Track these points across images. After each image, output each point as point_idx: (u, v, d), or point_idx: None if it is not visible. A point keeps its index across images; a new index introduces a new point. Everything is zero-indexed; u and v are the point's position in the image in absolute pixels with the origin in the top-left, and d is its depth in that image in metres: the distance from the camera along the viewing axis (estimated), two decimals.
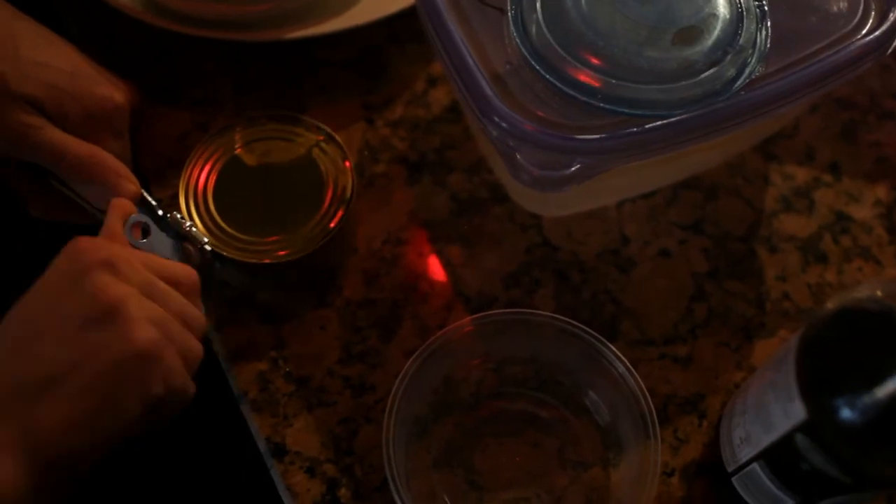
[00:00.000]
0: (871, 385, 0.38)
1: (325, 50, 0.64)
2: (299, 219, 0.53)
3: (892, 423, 0.38)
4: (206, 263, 0.51)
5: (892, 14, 0.48)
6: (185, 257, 0.51)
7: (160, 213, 0.51)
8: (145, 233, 0.49)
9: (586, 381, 0.53)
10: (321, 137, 0.55)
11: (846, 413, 0.38)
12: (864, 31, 0.48)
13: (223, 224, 0.53)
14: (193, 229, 0.52)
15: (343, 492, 0.51)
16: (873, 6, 0.49)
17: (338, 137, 0.55)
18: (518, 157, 0.45)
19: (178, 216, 0.51)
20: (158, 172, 0.60)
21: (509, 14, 0.49)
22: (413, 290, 0.56)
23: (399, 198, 0.59)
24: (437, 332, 0.51)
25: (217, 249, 0.52)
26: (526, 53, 0.48)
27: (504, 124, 0.45)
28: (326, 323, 0.55)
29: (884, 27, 0.48)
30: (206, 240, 0.51)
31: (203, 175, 0.54)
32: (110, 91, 0.53)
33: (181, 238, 0.51)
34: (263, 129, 0.56)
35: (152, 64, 0.64)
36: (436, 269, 0.57)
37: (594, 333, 0.51)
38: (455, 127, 0.62)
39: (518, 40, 0.48)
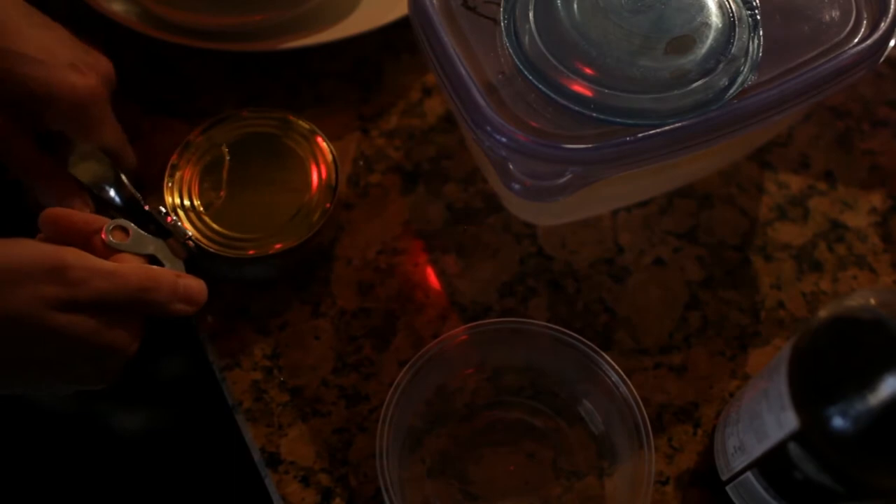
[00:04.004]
0: (863, 394, 0.38)
1: (320, 60, 0.64)
2: (283, 212, 0.54)
3: (884, 432, 0.38)
4: (192, 258, 0.52)
5: (883, 23, 0.48)
6: (169, 253, 0.51)
7: (146, 208, 0.52)
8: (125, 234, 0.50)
9: (581, 391, 0.53)
10: (299, 127, 0.57)
11: (838, 422, 0.38)
12: (856, 40, 0.49)
13: (210, 221, 0.54)
14: (178, 223, 0.52)
15: (337, 501, 0.51)
16: (865, 15, 0.50)
17: (295, 118, 0.57)
18: (510, 167, 0.46)
19: (163, 211, 0.52)
20: (157, 182, 0.60)
21: (502, 24, 0.49)
22: (408, 299, 0.56)
23: (394, 208, 0.59)
24: (432, 342, 0.51)
25: (203, 245, 0.52)
26: (519, 63, 0.48)
27: (496, 134, 0.45)
28: (321, 333, 0.55)
29: (875, 36, 0.48)
30: (189, 234, 0.52)
31: (186, 175, 0.55)
32: (76, 79, 0.50)
33: (165, 234, 0.52)
34: (241, 124, 0.57)
35: (151, 75, 0.64)
36: (430, 278, 0.57)
37: (588, 343, 0.51)
38: (450, 137, 0.62)
39: (511, 50, 0.48)
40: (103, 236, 0.48)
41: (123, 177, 0.54)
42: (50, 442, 0.69)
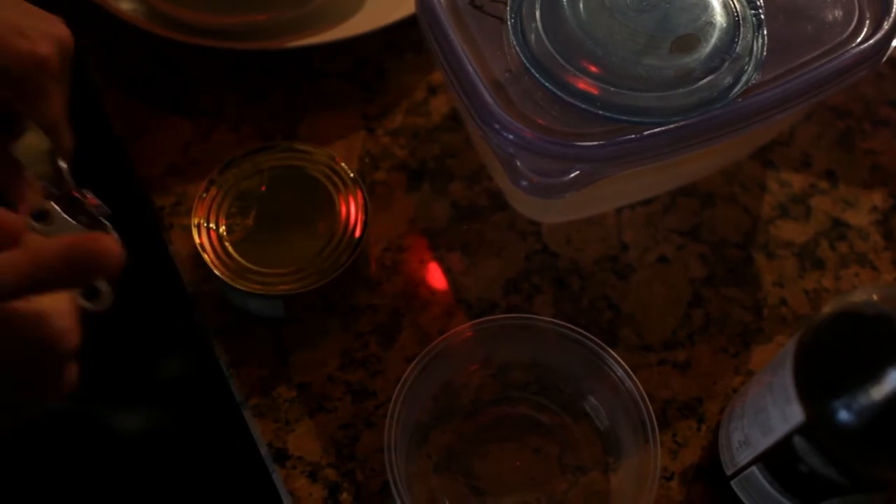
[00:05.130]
0: (867, 388, 0.38)
1: (324, 60, 0.65)
2: (312, 248, 0.53)
3: (888, 425, 0.38)
4: None
5: (886, 23, 0.49)
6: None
7: (75, 194, 0.48)
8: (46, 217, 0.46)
9: (586, 387, 0.53)
10: (343, 173, 0.55)
11: (843, 415, 0.39)
12: (858, 40, 0.49)
13: (238, 257, 0.53)
14: (108, 225, 0.48)
15: (344, 496, 0.51)
16: (868, 15, 0.50)
17: (345, 165, 0.55)
18: (518, 164, 0.46)
19: (97, 202, 0.48)
20: (160, 180, 0.60)
21: (509, 23, 0.49)
22: (413, 296, 0.57)
23: (399, 205, 0.60)
24: (438, 338, 0.51)
25: (233, 283, 0.52)
26: (525, 61, 0.48)
27: (504, 132, 0.45)
28: (328, 329, 0.56)
29: (878, 36, 0.49)
30: (115, 235, 0.47)
31: (213, 215, 0.54)
32: (22, 44, 0.45)
33: (98, 226, 0.48)
34: (287, 155, 0.56)
35: (156, 74, 0.64)
36: (436, 276, 0.58)
37: (594, 339, 0.51)
38: (455, 135, 0.62)
39: (518, 48, 0.49)
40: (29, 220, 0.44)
41: (61, 162, 0.49)
42: (50, 442, 0.70)
